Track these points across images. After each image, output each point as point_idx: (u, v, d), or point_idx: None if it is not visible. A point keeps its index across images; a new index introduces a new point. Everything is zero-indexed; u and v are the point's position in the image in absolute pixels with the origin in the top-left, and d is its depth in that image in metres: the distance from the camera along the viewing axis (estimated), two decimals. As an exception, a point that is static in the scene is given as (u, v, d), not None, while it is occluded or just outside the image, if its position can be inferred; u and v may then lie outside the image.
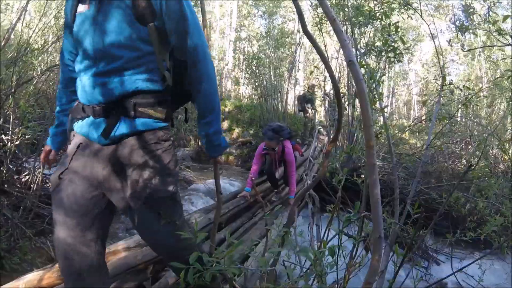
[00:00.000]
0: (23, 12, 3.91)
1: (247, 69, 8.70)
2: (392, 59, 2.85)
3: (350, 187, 4.13)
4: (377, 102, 2.50)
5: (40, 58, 5.18)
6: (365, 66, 2.28)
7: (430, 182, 4.94)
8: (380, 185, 1.12)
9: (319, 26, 5.78)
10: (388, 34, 2.90)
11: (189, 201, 4.95)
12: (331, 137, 6.16)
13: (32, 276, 2.11)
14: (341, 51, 6.11)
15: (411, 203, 2.56)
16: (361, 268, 1.55)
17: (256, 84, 8.15)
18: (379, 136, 2.74)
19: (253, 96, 13.78)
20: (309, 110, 9.72)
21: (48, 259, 2.76)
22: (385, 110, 2.96)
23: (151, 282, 2.43)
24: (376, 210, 1.06)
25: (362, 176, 2.78)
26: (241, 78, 16.72)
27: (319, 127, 9.86)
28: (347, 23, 4.56)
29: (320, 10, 5.67)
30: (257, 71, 8.02)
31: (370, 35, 4.94)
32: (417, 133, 10.35)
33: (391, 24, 2.87)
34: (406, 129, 7.32)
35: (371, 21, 3.93)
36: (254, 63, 8.18)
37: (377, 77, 2.47)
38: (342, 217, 1.56)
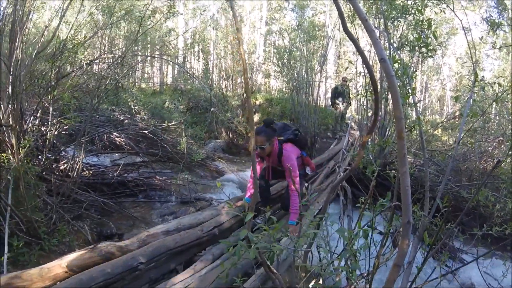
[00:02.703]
0: (62, 10, 4.10)
1: (279, 63, 8.68)
2: (425, 55, 2.81)
3: (381, 183, 4.05)
4: (410, 97, 2.50)
5: (79, 53, 5.43)
6: (398, 62, 2.28)
7: (461, 180, 4.80)
8: (410, 180, 1.17)
9: (351, 19, 5.71)
10: (421, 30, 2.91)
11: (221, 190, 5.04)
12: (361, 130, 6.16)
13: (74, 256, 2.24)
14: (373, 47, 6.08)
15: (440, 197, 2.55)
16: (388, 262, 1.60)
17: (288, 77, 8.11)
18: (412, 130, 2.70)
19: (283, 89, 13.72)
20: (340, 104, 9.59)
21: (85, 242, 2.92)
22: (418, 105, 2.92)
23: (186, 265, 2.55)
24: (405, 197, 1.12)
25: (393, 171, 2.79)
26: (272, 71, 16.69)
27: (349, 121, 9.72)
28: (380, 16, 4.48)
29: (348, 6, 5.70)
30: (289, 64, 7.98)
31: (403, 28, 4.82)
32: (449, 130, 9.98)
33: (424, 20, 2.83)
34: (438, 126, 7.07)
35: (404, 15, 3.86)
36: (286, 56, 8.15)
37: (410, 72, 2.49)
38: (372, 211, 1.63)
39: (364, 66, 5.41)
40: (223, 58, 15.68)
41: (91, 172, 4.36)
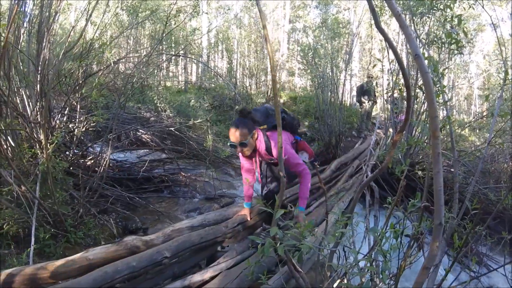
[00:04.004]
0: (88, 12, 4.20)
1: (303, 60, 8.55)
2: (455, 52, 2.79)
3: (406, 183, 4.03)
4: (440, 95, 2.40)
5: (108, 52, 5.56)
6: (429, 59, 2.21)
7: (488, 182, 4.59)
8: (431, 181, 1.20)
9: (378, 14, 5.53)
10: (451, 26, 2.86)
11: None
12: (390, 129, 5.94)
13: (100, 249, 2.26)
14: (401, 42, 5.91)
15: (469, 199, 2.53)
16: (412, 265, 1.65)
17: (312, 75, 7.97)
18: (441, 130, 2.56)
19: (307, 87, 13.57)
20: (366, 102, 9.34)
21: (110, 235, 2.95)
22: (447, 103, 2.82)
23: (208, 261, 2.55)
24: (438, 198, 1.12)
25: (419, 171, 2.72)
26: (296, 69, 16.53)
27: (374, 120, 9.47)
28: (406, 12, 4.32)
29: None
30: (313, 62, 7.84)
31: (430, 24, 4.62)
32: (477, 130, 9.53)
33: (454, 16, 2.75)
34: (466, 125, 6.77)
35: (432, 11, 3.72)
36: (310, 54, 8.02)
37: (441, 70, 2.46)
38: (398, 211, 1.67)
39: (393, 63, 5.25)
40: (247, 56, 15.70)
41: (117, 167, 4.43)
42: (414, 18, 4.20)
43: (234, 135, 2.43)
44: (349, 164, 5.77)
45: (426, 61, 2.17)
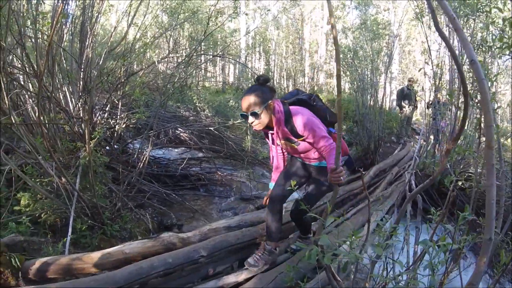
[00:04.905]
0: (130, 13, 4.31)
1: (343, 62, 8.30)
2: (507, 55, 2.61)
3: (446, 193, 3.83)
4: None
5: (151, 52, 5.71)
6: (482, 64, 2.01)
7: None
8: (478, 194, 1.12)
9: (419, 16, 5.26)
10: (502, 30, 2.73)
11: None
12: (430, 136, 5.58)
13: (137, 244, 2.27)
14: (443, 44, 5.54)
15: None
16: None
17: (352, 77, 7.70)
18: None
19: (346, 90, 13.22)
20: (406, 107, 8.93)
21: (146, 230, 2.95)
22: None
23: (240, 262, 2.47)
24: (490, 212, 1.08)
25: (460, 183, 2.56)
26: (335, 71, 16.16)
27: (414, 126, 9.02)
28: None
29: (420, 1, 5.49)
30: (353, 64, 7.58)
31: (474, 26, 4.29)
32: None
33: (505, 18, 2.55)
34: (509, 135, 6.22)
35: (477, 13, 3.55)
36: (350, 56, 7.76)
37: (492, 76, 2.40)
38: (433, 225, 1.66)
39: (437, 66, 4.96)
40: (284, 58, 15.58)
41: (155, 164, 4.48)
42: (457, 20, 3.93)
43: (246, 103, 2.06)
44: (388, 171, 5.52)
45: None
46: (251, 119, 2.07)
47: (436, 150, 5.15)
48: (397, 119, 9.71)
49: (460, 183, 3.48)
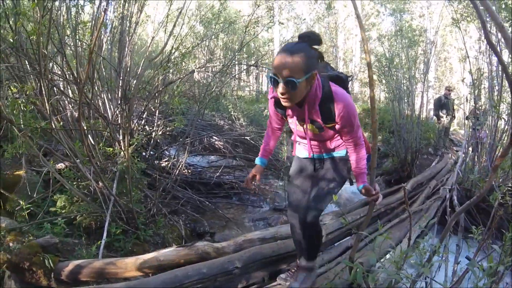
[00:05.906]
0: (167, 23, 4.42)
1: (379, 71, 8.04)
2: None
3: (484, 209, 3.79)
4: None
5: (191, 61, 5.82)
6: None
7: None
8: None
9: (457, 23, 4.99)
10: None
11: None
12: (469, 148, 5.21)
13: (171, 251, 2.26)
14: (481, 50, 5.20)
15: None
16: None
17: (388, 86, 7.43)
18: None
19: (382, 98, 12.81)
20: (444, 117, 8.46)
21: (179, 236, 2.93)
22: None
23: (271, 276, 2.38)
24: None
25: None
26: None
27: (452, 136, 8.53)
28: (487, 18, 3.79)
29: (457, 5, 5.35)
30: (389, 72, 7.31)
31: None
32: None
33: None
34: None
35: None
36: (386, 64, 7.51)
37: None
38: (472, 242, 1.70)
39: (475, 74, 4.68)
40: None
41: (190, 171, 4.51)
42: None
43: (285, 64, 1.42)
44: (425, 184, 5.21)
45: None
46: (283, 88, 1.45)
47: (475, 163, 4.81)
48: (434, 129, 9.30)
49: (503, 199, 3.22)
